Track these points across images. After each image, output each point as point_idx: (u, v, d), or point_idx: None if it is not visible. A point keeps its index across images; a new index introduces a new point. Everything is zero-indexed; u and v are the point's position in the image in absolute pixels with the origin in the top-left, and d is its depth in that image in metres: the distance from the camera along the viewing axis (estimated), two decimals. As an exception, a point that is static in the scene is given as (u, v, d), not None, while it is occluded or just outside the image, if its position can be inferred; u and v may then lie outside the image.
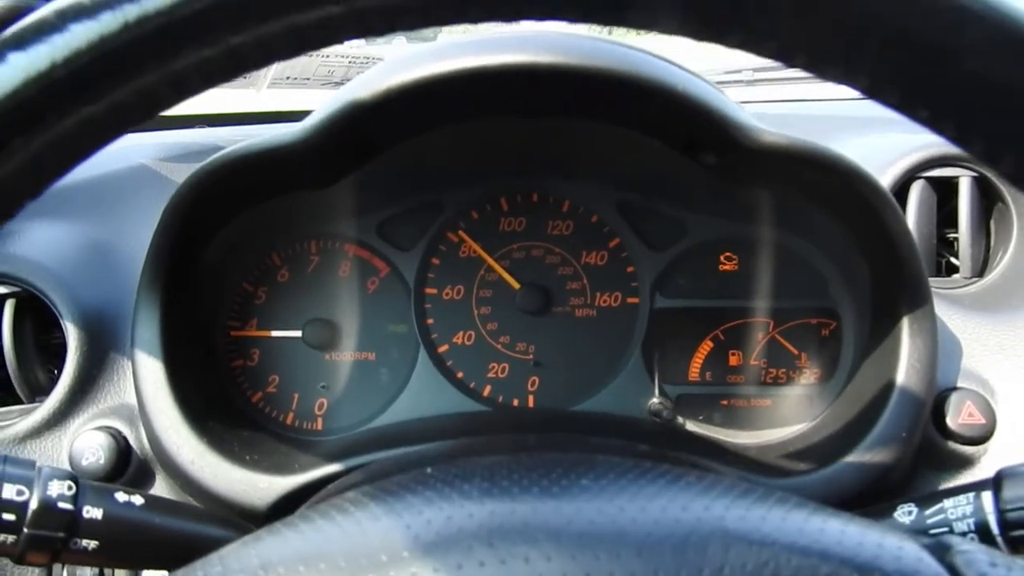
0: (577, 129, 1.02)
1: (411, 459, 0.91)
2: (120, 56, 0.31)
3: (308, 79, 1.73)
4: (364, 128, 0.89)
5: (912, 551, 0.42)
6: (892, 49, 0.32)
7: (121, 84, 0.32)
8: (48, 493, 0.68)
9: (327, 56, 1.70)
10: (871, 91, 0.34)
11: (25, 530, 0.67)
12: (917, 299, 0.95)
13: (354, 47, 1.86)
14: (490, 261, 1.17)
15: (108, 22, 0.30)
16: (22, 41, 0.30)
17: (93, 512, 0.71)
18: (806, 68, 0.34)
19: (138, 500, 0.75)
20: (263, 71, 1.64)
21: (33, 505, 0.67)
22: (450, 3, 0.33)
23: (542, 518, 0.44)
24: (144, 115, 0.35)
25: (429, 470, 0.51)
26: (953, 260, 1.25)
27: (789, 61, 0.34)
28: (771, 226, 1.12)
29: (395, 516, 0.45)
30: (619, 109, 0.93)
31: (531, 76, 0.82)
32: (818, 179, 0.93)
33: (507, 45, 0.81)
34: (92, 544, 0.70)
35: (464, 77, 0.81)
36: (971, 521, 0.70)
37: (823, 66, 0.34)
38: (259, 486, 0.93)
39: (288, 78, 1.68)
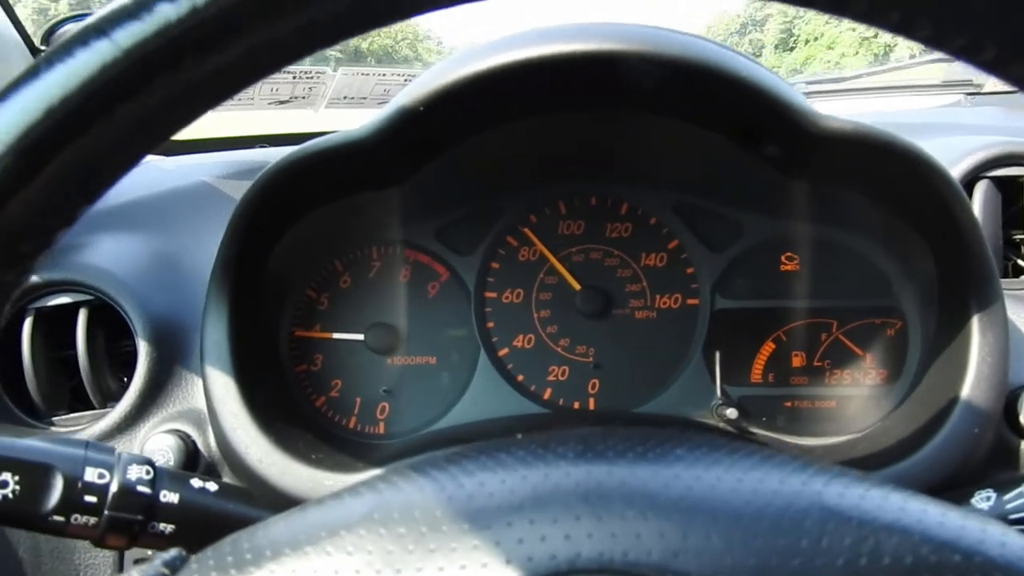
0: (637, 125, 1.03)
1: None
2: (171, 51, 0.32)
3: (365, 98, 1.75)
4: (426, 124, 0.90)
5: (1018, 541, 0.41)
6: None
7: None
8: (128, 477, 0.70)
9: (384, 75, 1.73)
10: (992, 68, 0.33)
11: (106, 512, 0.68)
12: (987, 294, 0.94)
13: (411, 68, 1.88)
14: (553, 260, 1.18)
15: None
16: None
17: (170, 496, 0.72)
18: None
19: (212, 487, 0.77)
20: (321, 91, 1.67)
21: (114, 488, 0.69)
22: None
23: (640, 479, 0.43)
24: (198, 109, 0.36)
25: (520, 436, 0.51)
26: (1020, 262, 1.23)
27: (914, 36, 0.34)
28: (831, 224, 1.11)
29: (490, 472, 0.45)
30: (682, 99, 0.94)
31: (598, 64, 0.83)
32: (884, 169, 0.92)
33: (573, 34, 0.82)
34: (169, 528, 0.72)
35: (533, 66, 0.82)
36: None
37: (944, 42, 0.33)
38: (325, 483, 0.94)
39: (345, 98, 1.71)
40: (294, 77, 1.53)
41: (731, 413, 1.07)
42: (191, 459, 1.02)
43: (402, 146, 0.94)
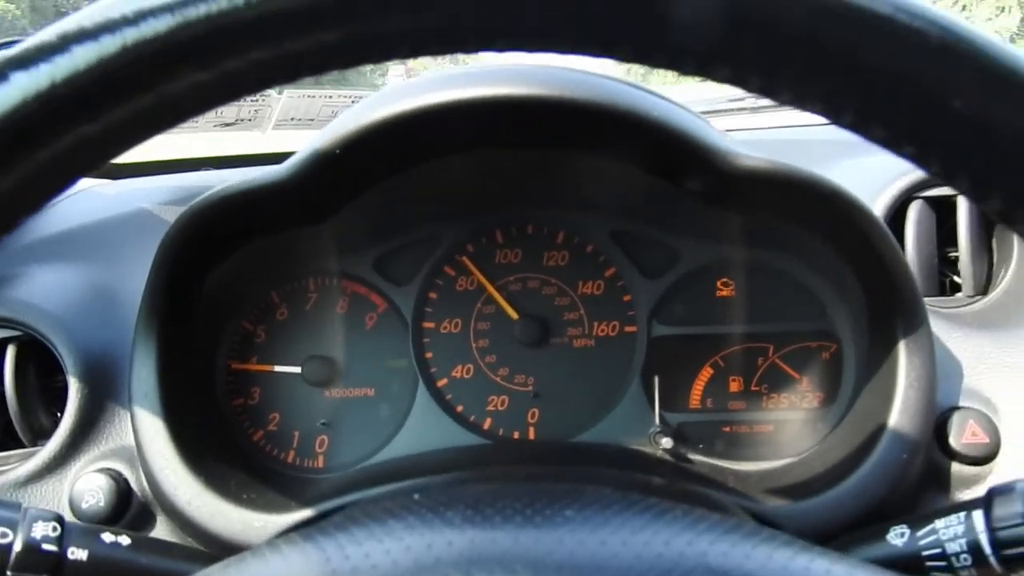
0: (564, 160, 1.03)
1: (406, 491, 0.90)
2: (117, 76, 0.32)
3: (312, 120, 1.73)
4: (346, 165, 0.90)
5: None
6: (878, 87, 0.32)
7: (118, 103, 0.33)
8: (32, 535, 0.68)
9: (331, 97, 1.72)
10: (856, 127, 0.34)
11: (8, 573, 0.67)
12: (912, 318, 0.94)
13: (359, 89, 1.87)
14: (490, 289, 1.18)
15: (107, 44, 0.31)
16: (24, 61, 0.31)
17: (79, 553, 0.71)
18: (791, 104, 0.35)
19: (125, 540, 0.75)
20: (268, 113, 1.66)
21: (17, 547, 0.67)
22: (428, 37, 0.34)
23: (522, 547, 0.44)
24: (140, 134, 0.36)
25: (417, 496, 0.51)
26: (956, 279, 1.24)
27: (774, 97, 0.35)
28: (764, 249, 1.12)
29: (376, 542, 0.45)
30: (601, 139, 0.94)
31: (511, 108, 0.83)
32: (802, 203, 0.93)
33: (487, 78, 0.82)
34: None
35: (445, 110, 0.82)
36: (963, 541, 0.68)
37: (806, 102, 0.34)
38: (255, 525, 0.93)
39: (293, 119, 1.69)
40: (238, 100, 1.51)
41: (666, 442, 1.08)
42: (123, 500, 1.01)
43: (326, 185, 0.94)
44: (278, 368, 1.16)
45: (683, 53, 0.33)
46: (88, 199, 1.36)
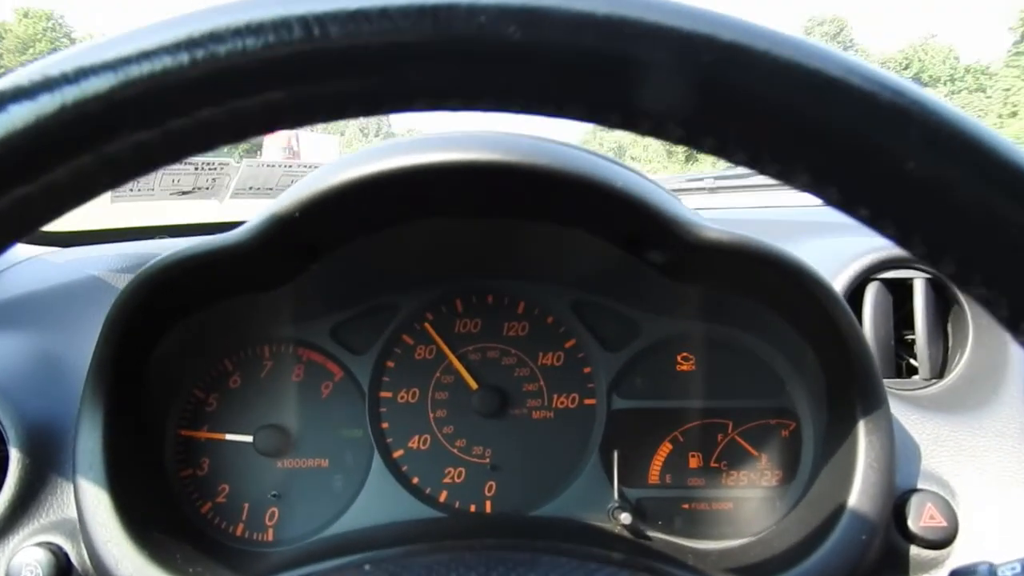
0: (524, 229, 1.03)
1: (357, 564, 0.88)
2: (56, 136, 0.31)
3: (271, 188, 1.73)
4: (303, 230, 0.89)
5: None
6: (830, 148, 0.33)
7: (57, 164, 0.32)
8: None
9: (290, 167, 1.71)
10: (811, 187, 0.35)
11: None
12: (871, 398, 0.95)
13: (321, 158, 1.87)
14: (451, 356, 1.16)
15: (45, 103, 0.30)
16: None
17: None
18: (748, 165, 0.35)
19: None
20: (226, 182, 1.64)
21: None
22: (377, 96, 0.33)
23: None
24: (80, 195, 0.35)
25: (367, 567, 0.49)
26: (912, 362, 1.25)
27: (730, 159, 0.35)
28: (725, 324, 1.12)
29: None
30: (561, 208, 0.94)
31: (473, 174, 0.83)
32: (764, 277, 0.93)
33: (449, 143, 0.82)
34: None
35: (406, 175, 0.81)
36: None
37: (762, 164, 0.34)
38: None
39: (251, 188, 1.68)
40: (196, 168, 1.50)
41: (625, 518, 1.06)
42: (63, 574, 0.97)
43: (281, 251, 0.92)
44: (229, 437, 1.13)
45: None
46: (36, 267, 1.34)
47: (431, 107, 0.34)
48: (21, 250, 1.43)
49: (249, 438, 1.13)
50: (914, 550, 0.98)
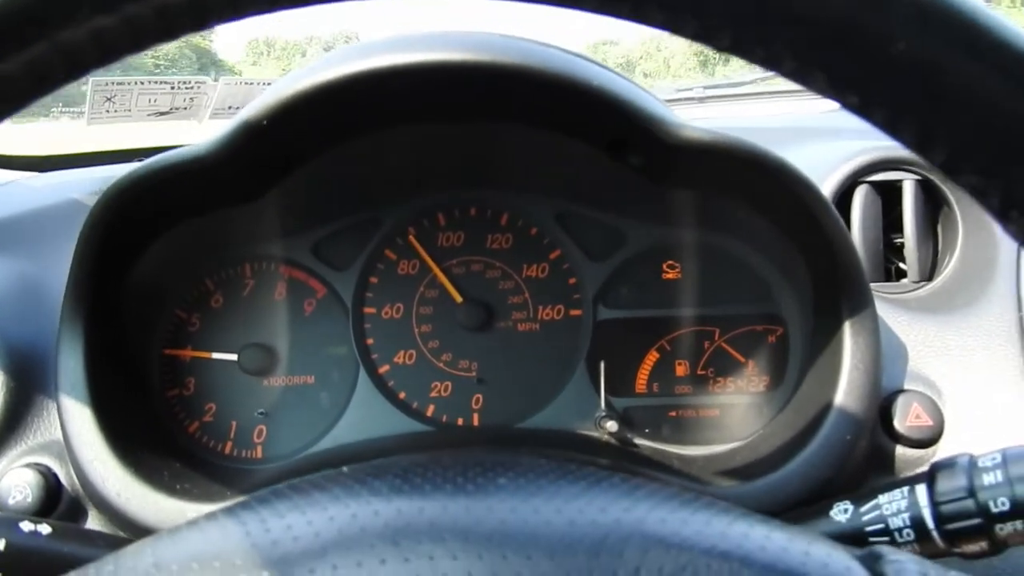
0: (503, 135, 1.00)
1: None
2: (9, 22, 0.29)
3: (250, 108, 1.70)
4: (273, 139, 0.87)
5: (840, 560, 0.41)
6: (817, 32, 0.31)
7: (9, 54, 0.30)
8: None
9: (268, 84, 1.68)
10: (796, 75, 0.33)
11: None
12: (858, 300, 0.93)
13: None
14: (436, 269, 1.15)
15: None
16: None
17: None
18: (730, 50, 0.34)
19: (45, 529, 0.72)
20: (205, 102, 1.61)
21: None
22: None
23: (451, 517, 0.42)
24: (35, 90, 0.33)
25: (345, 469, 0.49)
26: (902, 265, 1.24)
27: (714, 44, 0.33)
28: (709, 231, 1.11)
29: (299, 513, 0.43)
30: (540, 110, 0.92)
31: (448, 74, 0.80)
32: (748, 179, 0.91)
33: (420, 43, 0.79)
34: None
35: (377, 76, 0.79)
36: (906, 516, 0.67)
37: (745, 49, 0.33)
38: (188, 515, 0.89)
39: (230, 108, 1.65)
40: (173, 88, 1.47)
41: (612, 426, 1.06)
42: (52, 495, 0.97)
43: (253, 160, 0.90)
44: (214, 355, 1.13)
45: None
46: (13, 191, 1.32)
47: None
48: (-4, 174, 1.41)
49: (234, 357, 1.12)
50: (899, 449, 0.98)
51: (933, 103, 0.32)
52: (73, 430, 0.92)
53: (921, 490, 0.68)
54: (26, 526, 0.71)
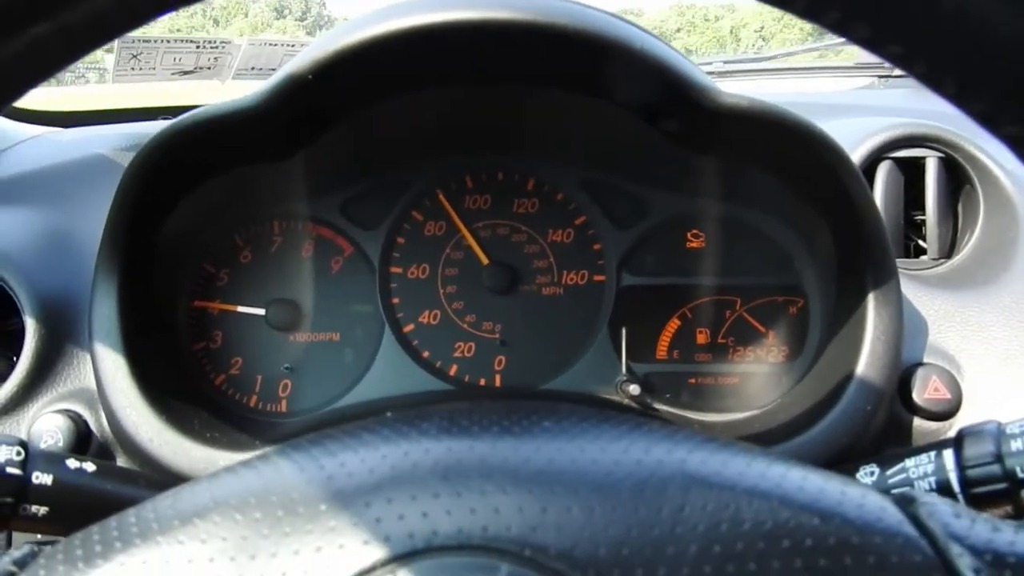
0: (542, 98, 1.01)
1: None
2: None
3: (274, 69, 1.70)
4: (315, 94, 0.87)
5: (875, 500, 0.42)
6: None
7: (9, 36, 0.30)
8: None
9: (292, 46, 1.68)
10: (838, 27, 0.33)
11: None
12: (882, 272, 0.95)
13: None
14: (464, 230, 1.16)
15: None
16: None
17: (43, 478, 0.69)
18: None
19: (90, 467, 0.74)
20: (228, 61, 1.61)
21: None
22: None
23: (500, 455, 0.43)
24: (35, 73, 0.33)
25: (389, 414, 0.51)
26: (921, 243, 1.25)
27: None
28: (735, 202, 1.12)
29: (351, 452, 0.44)
30: (577, 71, 0.92)
31: (485, 35, 0.81)
32: (780, 145, 0.92)
33: (460, 2, 0.80)
34: (42, 510, 0.69)
35: (420, 33, 0.79)
36: (932, 480, 0.69)
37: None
38: (219, 463, 0.91)
39: (253, 68, 1.65)
40: (197, 47, 1.47)
41: (634, 389, 1.08)
42: (82, 440, 0.99)
43: (293, 116, 0.91)
44: (241, 309, 1.14)
45: None
46: (41, 145, 1.33)
47: None
48: (23, 129, 1.42)
49: (261, 311, 1.14)
50: (917, 421, 1.00)
51: (976, 53, 0.31)
52: (107, 377, 0.94)
53: (948, 454, 0.69)
54: (72, 463, 0.73)
